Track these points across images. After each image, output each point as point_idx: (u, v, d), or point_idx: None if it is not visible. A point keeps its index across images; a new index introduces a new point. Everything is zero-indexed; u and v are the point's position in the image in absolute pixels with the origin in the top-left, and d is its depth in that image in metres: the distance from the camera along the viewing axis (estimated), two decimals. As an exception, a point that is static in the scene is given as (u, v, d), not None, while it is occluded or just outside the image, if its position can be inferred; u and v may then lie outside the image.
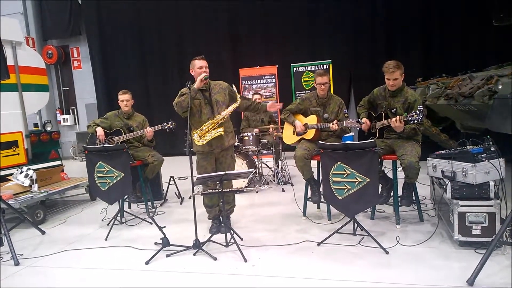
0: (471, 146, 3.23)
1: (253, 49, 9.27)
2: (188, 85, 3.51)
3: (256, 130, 5.69)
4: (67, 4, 10.71)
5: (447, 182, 3.14)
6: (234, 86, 3.85)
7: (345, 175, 3.19)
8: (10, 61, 5.13)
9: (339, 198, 3.25)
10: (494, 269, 2.62)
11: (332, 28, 8.71)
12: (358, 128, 3.87)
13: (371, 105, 3.94)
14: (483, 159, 3.03)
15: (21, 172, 4.87)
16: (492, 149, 3.13)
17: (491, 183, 2.99)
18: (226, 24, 9.56)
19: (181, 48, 9.95)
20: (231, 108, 3.69)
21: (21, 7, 10.95)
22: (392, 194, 3.81)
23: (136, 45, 10.27)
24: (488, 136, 3.26)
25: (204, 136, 3.59)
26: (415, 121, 3.39)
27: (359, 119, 3.81)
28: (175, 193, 5.30)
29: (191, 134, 3.68)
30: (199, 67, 3.61)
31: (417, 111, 3.40)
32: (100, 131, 4.61)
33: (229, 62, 9.43)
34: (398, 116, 3.48)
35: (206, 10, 9.54)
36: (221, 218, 3.81)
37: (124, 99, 4.79)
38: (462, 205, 2.98)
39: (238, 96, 3.79)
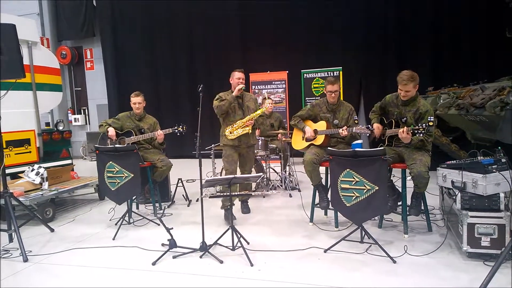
0: (481, 157, 3.20)
1: (264, 55, 9.31)
2: (200, 88, 3.67)
3: (262, 138, 5.67)
4: (82, 6, 10.90)
5: (456, 193, 3.12)
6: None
7: (353, 182, 3.18)
8: (25, 61, 5.22)
9: (347, 205, 3.24)
10: (502, 282, 2.59)
11: (343, 36, 8.74)
12: (367, 134, 3.86)
13: (383, 111, 3.93)
14: (494, 170, 3.01)
15: (32, 170, 4.94)
16: (503, 160, 3.11)
17: (502, 195, 2.96)
18: (237, 29, 9.63)
19: (192, 52, 10.06)
20: (258, 112, 4.31)
21: (37, 7, 11.17)
22: (398, 204, 3.79)
23: (148, 48, 10.40)
24: (499, 148, 3.24)
25: (233, 132, 4.24)
26: (422, 134, 3.37)
27: (369, 125, 3.80)
28: (183, 195, 5.32)
29: (223, 131, 4.31)
30: (237, 77, 4.31)
31: (426, 123, 3.39)
32: (111, 131, 4.67)
33: (240, 67, 9.43)
34: (405, 128, 3.45)
35: (217, 15, 9.62)
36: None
37: (137, 101, 4.84)
38: (471, 216, 2.96)
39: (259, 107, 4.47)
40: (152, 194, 4.73)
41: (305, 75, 8.35)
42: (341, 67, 8.08)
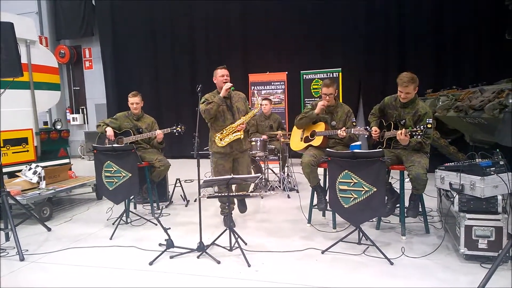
0: (480, 159, 3.21)
1: (263, 55, 9.29)
2: (199, 88, 3.64)
3: (264, 136, 5.70)
4: (81, 5, 10.88)
5: (454, 195, 3.12)
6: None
7: (352, 184, 3.18)
8: (23, 59, 5.19)
9: (345, 206, 3.24)
10: (499, 283, 2.59)
11: (343, 37, 8.72)
12: (366, 136, 3.85)
13: (382, 113, 3.92)
14: (492, 172, 3.01)
15: (30, 168, 4.92)
16: (501, 163, 3.11)
17: (499, 197, 2.96)
18: (238, 29, 9.61)
19: (192, 52, 10.03)
20: (249, 115, 4.02)
21: (36, 6, 11.14)
22: (396, 207, 3.79)
23: (147, 48, 10.36)
24: (498, 150, 3.24)
25: (224, 139, 3.95)
26: (419, 136, 3.37)
27: (367, 127, 3.79)
28: (181, 195, 5.32)
29: (213, 137, 4.05)
30: (221, 75, 3.96)
31: (424, 125, 3.38)
32: (109, 131, 4.65)
33: (239, 67, 9.46)
34: (403, 130, 3.45)
35: (218, 15, 9.62)
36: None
37: (134, 101, 4.83)
38: (469, 218, 2.96)
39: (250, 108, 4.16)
40: (150, 194, 4.72)
41: (304, 76, 8.34)
42: (340, 68, 8.08)
